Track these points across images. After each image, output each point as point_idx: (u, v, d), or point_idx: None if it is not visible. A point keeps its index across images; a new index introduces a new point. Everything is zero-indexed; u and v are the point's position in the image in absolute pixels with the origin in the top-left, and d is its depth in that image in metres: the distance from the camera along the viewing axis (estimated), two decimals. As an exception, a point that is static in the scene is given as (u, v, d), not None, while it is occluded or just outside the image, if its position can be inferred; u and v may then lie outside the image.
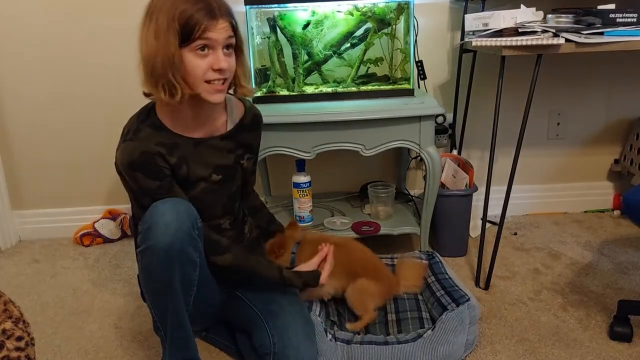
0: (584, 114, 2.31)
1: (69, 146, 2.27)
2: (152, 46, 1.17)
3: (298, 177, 1.91)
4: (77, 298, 1.83)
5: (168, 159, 1.28)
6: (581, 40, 1.57)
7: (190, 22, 1.15)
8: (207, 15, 1.16)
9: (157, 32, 1.16)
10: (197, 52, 1.18)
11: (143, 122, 1.28)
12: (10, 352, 1.05)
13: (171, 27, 1.15)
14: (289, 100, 1.89)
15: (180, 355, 1.25)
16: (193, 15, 1.15)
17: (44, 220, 2.36)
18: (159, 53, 1.16)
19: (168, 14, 1.15)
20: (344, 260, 1.52)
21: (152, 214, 1.15)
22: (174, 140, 1.29)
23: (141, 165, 1.23)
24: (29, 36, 2.14)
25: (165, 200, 1.19)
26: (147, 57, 1.18)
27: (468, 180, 1.95)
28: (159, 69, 1.17)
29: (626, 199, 1.39)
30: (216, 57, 1.20)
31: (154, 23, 1.17)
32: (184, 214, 1.16)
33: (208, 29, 1.16)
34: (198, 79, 1.20)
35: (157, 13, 1.17)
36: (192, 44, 1.17)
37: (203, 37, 1.17)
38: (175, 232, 1.13)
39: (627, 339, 1.46)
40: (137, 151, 1.23)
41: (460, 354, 1.39)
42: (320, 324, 1.36)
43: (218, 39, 1.19)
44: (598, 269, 1.87)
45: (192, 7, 1.16)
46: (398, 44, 1.94)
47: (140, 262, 1.17)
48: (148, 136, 1.26)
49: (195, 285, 1.23)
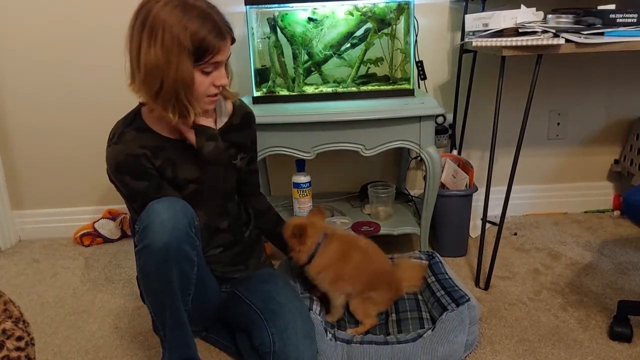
0: (584, 114, 2.31)
1: (68, 146, 2.27)
2: (159, 63, 1.16)
3: (298, 177, 1.91)
4: (77, 298, 1.83)
5: (153, 161, 1.29)
6: (581, 40, 1.57)
7: (203, 45, 1.17)
8: (218, 37, 1.19)
9: (167, 52, 1.15)
10: (204, 72, 1.21)
11: (128, 125, 1.30)
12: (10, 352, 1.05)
13: (184, 49, 1.15)
14: (289, 100, 1.89)
15: (180, 355, 1.25)
16: (205, 38, 1.17)
17: (44, 220, 2.36)
18: (171, 72, 1.16)
19: (179, 34, 1.14)
20: (365, 271, 1.49)
21: (148, 214, 1.15)
22: (159, 143, 1.31)
23: (127, 167, 1.25)
24: (29, 37, 2.14)
25: (161, 199, 1.19)
26: (152, 73, 1.17)
27: (468, 181, 1.95)
28: (170, 90, 1.18)
29: (626, 199, 1.39)
30: (220, 74, 1.24)
31: (160, 40, 1.15)
32: (180, 213, 1.16)
33: (219, 51, 1.20)
34: (201, 95, 1.24)
35: (162, 29, 1.15)
36: (203, 65, 1.20)
37: (214, 60, 1.20)
38: (172, 230, 1.13)
39: (627, 339, 1.46)
40: (122, 154, 1.25)
41: (460, 354, 1.39)
42: (320, 324, 1.36)
43: (224, 59, 1.23)
44: (598, 269, 1.87)
45: (203, 29, 1.16)
46: (398, 44, 1.94)
47: (138, 261, 1.17)
48: (133, 139, 1.27)
49: (193, 284, 1.22)
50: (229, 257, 1.45)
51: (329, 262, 1.46)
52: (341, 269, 1.46)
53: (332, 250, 1.47)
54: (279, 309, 1.31)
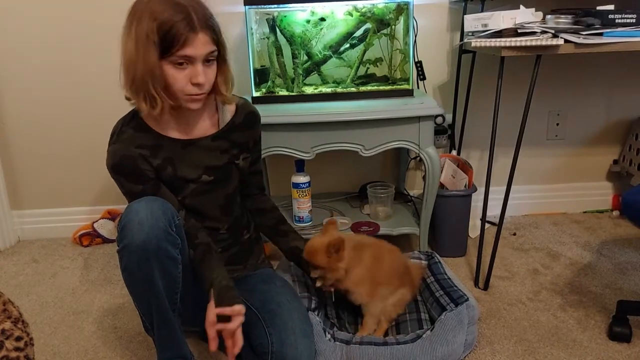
0: (583, 114, 2.32)
1: (68, 146, 2.27)
2: (132, 54, 1.17)
3: (297, 178, 1.91)
4: (76, 298, 1.83)
5: (151, 160, 1.29)
6: (580, 41, 1.57)
7: (169, 35, 1.14)
8: (187, 28, 1.14)
9: (137, 41, 1.16)
10: (175, 66, 1.18)
11: (127, 124, 1.30)
12: (9, 352, 1.05)
13: (151, 38, 1.14)
14: (288, 100, 1.89)
15: (169, 354, 1.25)
16: (172, 28, 1.13)
17: (43, 220, 2.36)
18: (139, 63, 1.16)
19: (148, 23, 1.14)
20: (396, 269, 1.47)
21: (126, 214, 1.15)
22: (158, 142, 1.30)
23: (123, 169, 1.25)
24: (29, 37, 2.14)
25: (140, 199, 1.18)
26: (128, 65, 1.19)
27: (467, 181, 1.95)
28: (140, 79, 1.18)
29: (625, 200, 1.39)
30: (195, 71, 1.19)
31: (134, 30, 1.16)
32: (159, 211, 1.15)
33: (187, 44, 1.15)
34: (178, 92, 1.21)
35: (138, 19, 1.16)
36: (171, 57, 1.17)
37: (182, 52, 1.16)
38: (150, 229, 1.12)
39: (626, 339, 1.46)
40: (118, 155, 1.25)
41: (460, 354, 1.39)
42: (318, 324, 1.36)
43: (196, 55, 1.17)
44: (597, 270, 1.87)
45: (172, 19, 1.14)
46: (397, 44, 1.95)
47: (120, 262, 1.17)
48: (130, 138, 1.27)
49: (179, 282, 1.21)
50: (227, 257, 1.45)
51: (366, 270, 1.42)
52: (376, 273, 1.43)
53: (364, 257, 1.43)
54: (277, 309, 1.31)
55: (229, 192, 1.42)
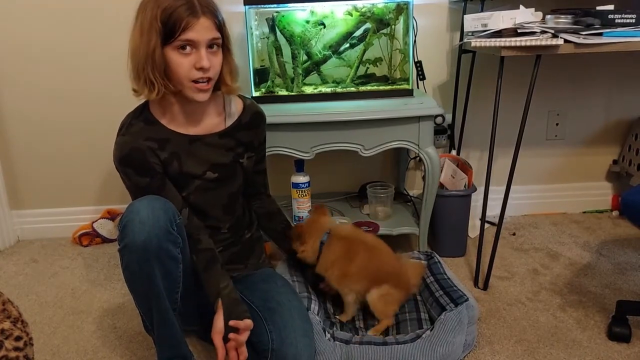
0: (583, 114, 2.32)
1: (68, 146, 2.27)
2: (137, 42, 1.20)
3: (297, 178, 1.91)
4: (75, 298, 1.83)
5: (159, 153, 1.29)
6: (580, 41, 1.57)
7: (171, 20, 1.17)
8: (188, 12, 1.17)
9: (141, 29, 1.19)
10: (179, 51, 1.20)
11: (137, 117, 1.31)
12: (8, 352, 1.05)
13: (154, 25, 1.17)
14: (288, 100, 1.89)
15: (169, 353, 1.25)
16: (174, 13, 1.16)
17: (42, 220, 2.35)
18: (142, 49, 1.19)
19: (152, 11, 1.18)
20: (370, 267, 1.47)
21: (128, 213, 1.16)
22: (166, 136, 1.31)
23: (131, 160, 1.26)
24: (29, 36, 2.14)
25: (141, 198, 1.19)
26: (133, 54, 1.22)
27: (467, 181, 1.95)
28: (142, 65, 1.20)
29: (625, 200, 1.39)
30: (199, 56, 1.21)
31: (140, 19, 1.20)
32: (160, 211, 1.16)
33: (189, 27, 1.17)
34: (183, 78, 1.22)
35: (144, 9, 1.20)
36: (174, 42, 1.19)
37: (184, 36, 1.18)
38: (152, 228, 1.13)
39: (625, 340, 1.46)
40: (128, 147, 1.26)
41: (459, 354, 1.39)
42: (318, 323, 1.36)
43: (199, 39, 1.19)
44: (597, 270, 1.87)
45: (175, 4, 1.17)
46: (397, 44, 1.94)
47: (121, 261, 1.17)
48: (139, 131, 1.28)
49: (180, 282, 1.22)
50: (227, 256, 1.45)
51: (334, 260, 1.46)
52: (346, 266, 1.46)
53: (336, 248, 1.47)
54: (278, 308, 1.31)
55: (233, 190, 1.42)
